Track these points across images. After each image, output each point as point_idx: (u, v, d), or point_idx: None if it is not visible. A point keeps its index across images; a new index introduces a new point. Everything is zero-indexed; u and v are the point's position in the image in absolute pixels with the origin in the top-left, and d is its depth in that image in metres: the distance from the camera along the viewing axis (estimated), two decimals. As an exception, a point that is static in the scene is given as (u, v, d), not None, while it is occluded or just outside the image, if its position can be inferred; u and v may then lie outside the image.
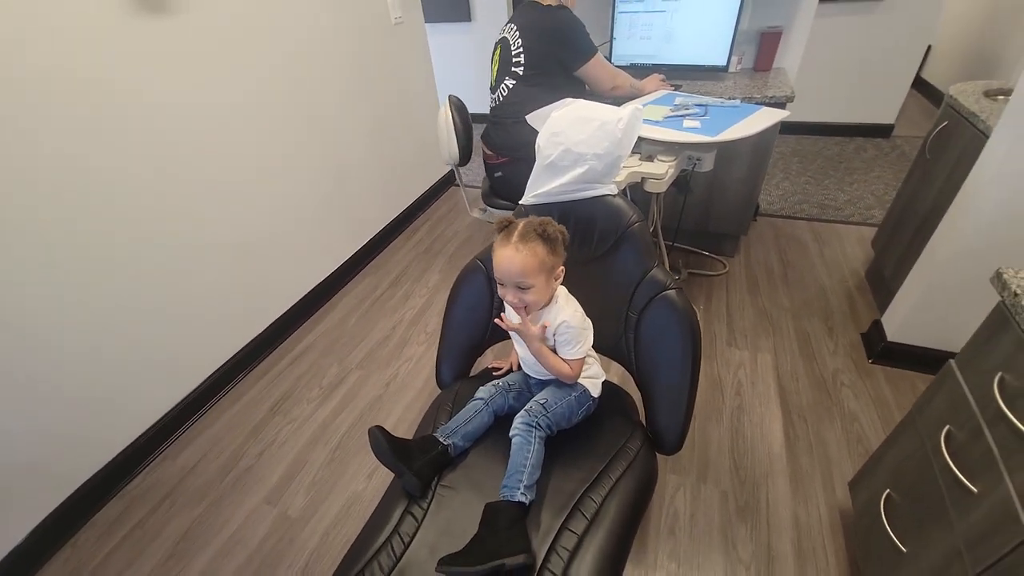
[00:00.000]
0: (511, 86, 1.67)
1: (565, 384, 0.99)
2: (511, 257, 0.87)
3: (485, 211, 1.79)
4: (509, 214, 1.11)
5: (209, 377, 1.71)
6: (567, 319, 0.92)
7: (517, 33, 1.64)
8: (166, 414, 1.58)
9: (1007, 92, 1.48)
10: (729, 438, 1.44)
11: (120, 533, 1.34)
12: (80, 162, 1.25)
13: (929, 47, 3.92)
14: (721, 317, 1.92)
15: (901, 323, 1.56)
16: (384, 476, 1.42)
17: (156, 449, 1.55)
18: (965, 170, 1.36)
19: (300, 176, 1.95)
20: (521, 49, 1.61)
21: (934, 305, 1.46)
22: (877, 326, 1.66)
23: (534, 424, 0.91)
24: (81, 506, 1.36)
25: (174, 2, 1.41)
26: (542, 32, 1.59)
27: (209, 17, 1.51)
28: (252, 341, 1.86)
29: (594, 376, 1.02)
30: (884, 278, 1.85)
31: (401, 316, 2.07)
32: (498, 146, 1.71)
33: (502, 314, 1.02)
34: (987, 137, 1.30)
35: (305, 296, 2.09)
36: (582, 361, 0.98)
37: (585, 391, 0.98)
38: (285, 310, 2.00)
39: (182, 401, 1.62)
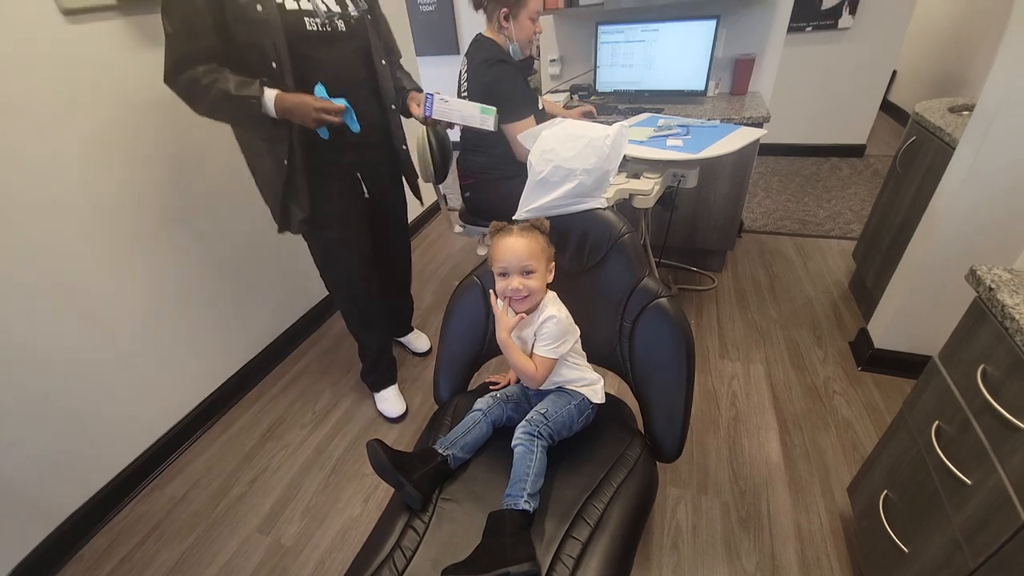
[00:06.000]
0: None
1: (565, 393, 1.00)
2: (516, 242, 0.95)
3: (464, 227, 1.85)
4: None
5: (200, 404, 1.67)
6: (555, 314, 0.95)
7: (466, 72, 1.61)
8: (155, 443, 1.54)
9: (970, 107, 1.58)
10: (727, 448, 1.45)
11: (107, 568, 1.29)
12: None
13: (894, 72, 4.15)
14: (712, 330, 1.94)
15: (886, 330, 1.60)
16: (381, 500, 1.39)
17: (144, 479, 1.51)
18: (934, 181, 1.44)
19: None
20: (467, 86, 1.59)
21: (915, 311, 1.51)
22: (864, 334, 1.70)
23: (536, 434, 0.92)
24: (66, 540, 1.31)
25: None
26: (479, 82, 1.53)
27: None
28: (243, 368, 1.83)
29: (591, 383, 1.03)
30: (867, 288, 1.90)
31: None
32: (463, 169, 1.76)
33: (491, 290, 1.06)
34: (953, 149, 1.38)
35: (299, 320, 2.08)
36: (551, 364, 0.97)
37: (584, 399, 0.99)
38: (279, 334, 1.98)
39: (171, 430, 1.58)
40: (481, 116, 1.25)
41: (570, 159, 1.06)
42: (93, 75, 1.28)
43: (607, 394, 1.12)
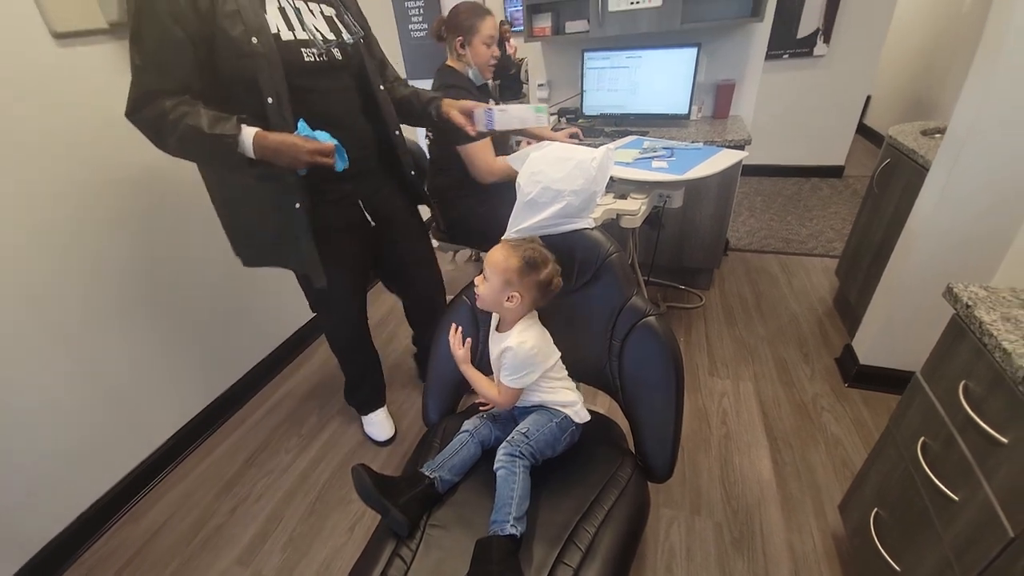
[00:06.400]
0: (431, 138, 1.75)
1: (547, 411, 0.99)
2: (497, 249, 0.97)
3: (437, 244, 1.88)
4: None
5: (180, 430, 1.63)
6: (513, 347, 0.94)
7: None
8: (132, 470, 1.49)
9: (942, 130, 1.64)
10: (719, 467, 1.44)
11: (74, 606, 1.22)
12: None
13: (869, 96, 4.32)
14: (702, 348, 1.96)
15: (870, 346, 1.62)
16: (368, 528, 1.35)
17: (120, 509, 1.45)
18: (910, 201, 1.48)
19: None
20: None
21: (898, 328, 1.54)
22: (849, 350, 1.73)
23: (516, 454, 0.90)
24: (37, 574, 1.24)
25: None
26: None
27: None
28: (229, 389, 1.79)
29: (568, 404, 1.00)
30: (850, 304, 1.94)
31: (383, 357, 2.04)
32: (429, 189, 1.77)
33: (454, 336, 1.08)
34: (927, 170, 1.43)
35: (285, 341, 2.05)
36: (514, 393, 0.98)
37: (566, 417, 0.98)
38: (264, 356, 1.95)
39: (149, 457, 1.53)
40: (536, 115, 1.28)
41: (558, 180, 1.08)
42: (83, 98, 1.28)
43: (597, 414, 1.12)
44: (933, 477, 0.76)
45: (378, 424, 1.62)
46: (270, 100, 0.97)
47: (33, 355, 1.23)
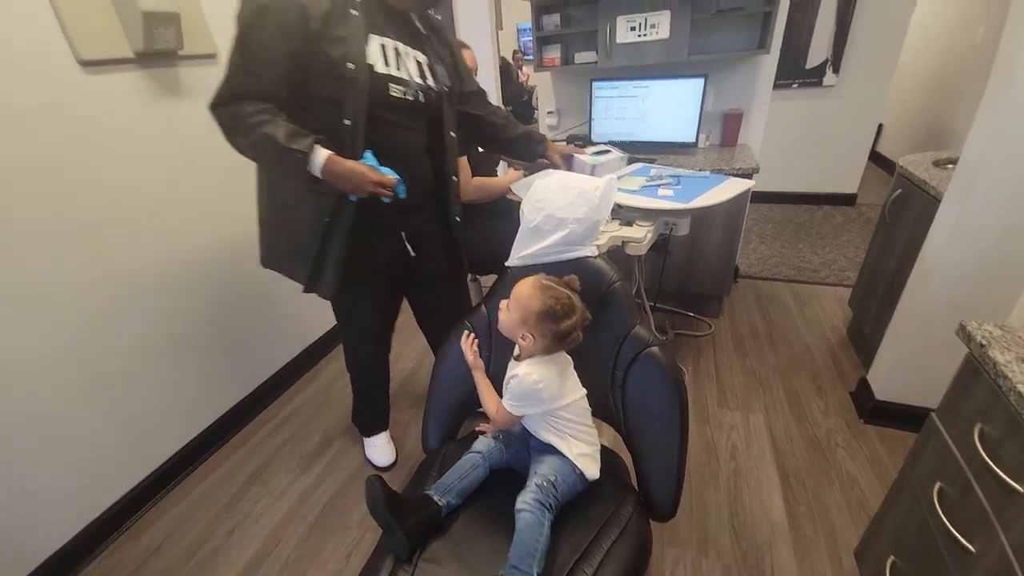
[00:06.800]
0: None
1: (569, 460, 0.95)
2: (527, 283, 0.94)
3: None
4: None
5: (184, 447, 1.63)
6: (519, 375, 0.92)
7: None
8: (137, 485, 1.49)
9: (954, 161, 1.62)
10: (727, 505, 1.39)
11: (66, 629, 1.21)
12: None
13: (881, 125, 4.32)
14: (711, 377, 1.91)
15: (886, 381, 1.57)
16: (365, 553, 1.32)
17: (121, 526, 1.44)
18: (922, 232, 1.46)
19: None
20: None
21: (913, 362, 1.49)
22: (864, 384, 1.67)
23: (547, 505, 0.86)
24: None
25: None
26: None
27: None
28: (235, 406, 1.80)
29: (579, 456, 0.96)
30: (865, 335, 1.89)
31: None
32: None
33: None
34: (939, 202, 1.41)
35: (294, 358, 2.06)
36: (509, 416, 0.97)
37: (582, 471, 0.95)
38: (272, 373, 1.96)
39: (150, 475, 1.53)
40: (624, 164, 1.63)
41: (562, 208, 1.09)
42: (108, 124, 1.33)
43: (601, 446, 1.09)
44: (949, 526, 0.73)
45: (379, 448, 1.60)
46: (347, 122, 1.02)
47: (40, 369, 1.25)
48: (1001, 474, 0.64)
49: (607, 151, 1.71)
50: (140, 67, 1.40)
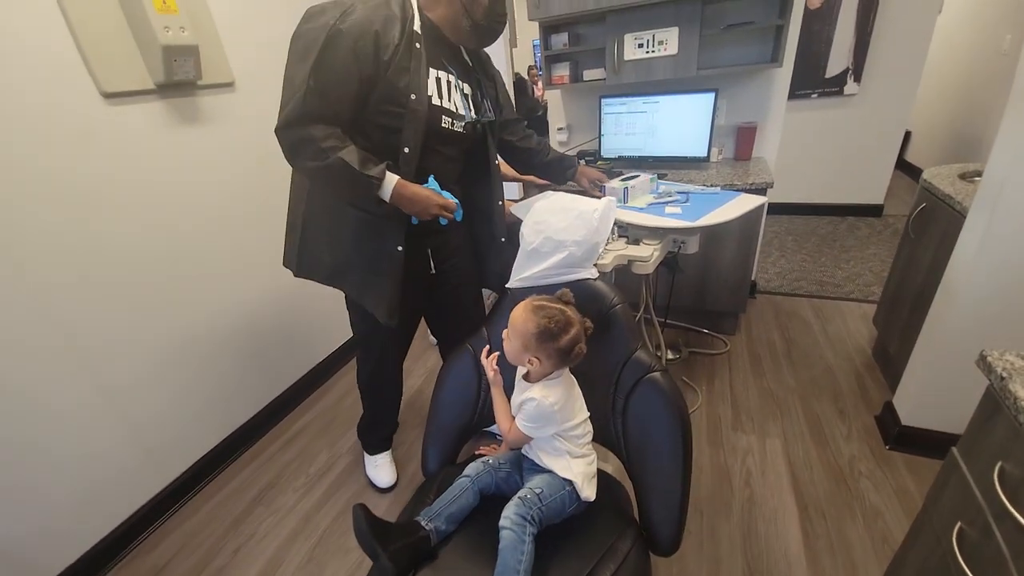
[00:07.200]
0: None
1: (559, 476, 0.94)
2: (520, 307, 0.94)
3: None
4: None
5: (195, 464, 1.66)
6: (537, 399, 0.91)
7: None
8: (148, 501, 1.52)
9: (981, 174, 1.54)
10: (740, 536, 1.32)
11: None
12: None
13: (909, 133, 4.17)
14: (725, 398, 1.85)
15: (913, 405, 1.48)
16: (365, 578, 1.31)
17: (132, 542, 1.47)
18: (948, 248, 1.39)
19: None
20: None
21: (941, 386, 1.41)
22: (890, 408, 1.58)
23: (528, 518, 0.85)
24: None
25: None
26: None
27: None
28: (247, 422, 1.83)
29: (572, 477, 0.93)
30: (890, 356, 1.80)
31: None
32: None
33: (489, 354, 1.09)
34: (964, 217, 1.34)
35: (304, 375, 2.09)
36: (524, 437, 0.97)
37: (574, 489, 0.93)
38: (282, 391, 1.99)
39: (163, 491, 1.57)
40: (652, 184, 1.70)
41: (560, 231, 1.08)
42: (128, 152, 1.40)
43: (603, 474, 1.06)
44: (969, 572, 0.67)
45: (381, 468, 1.60)
46: (406, 150, 1.07)
47: (60, 386, 1.30)
48: (1020, 518, 0.59)
49: (636, 175, 1.71)
50: (160, 97, 1.47)
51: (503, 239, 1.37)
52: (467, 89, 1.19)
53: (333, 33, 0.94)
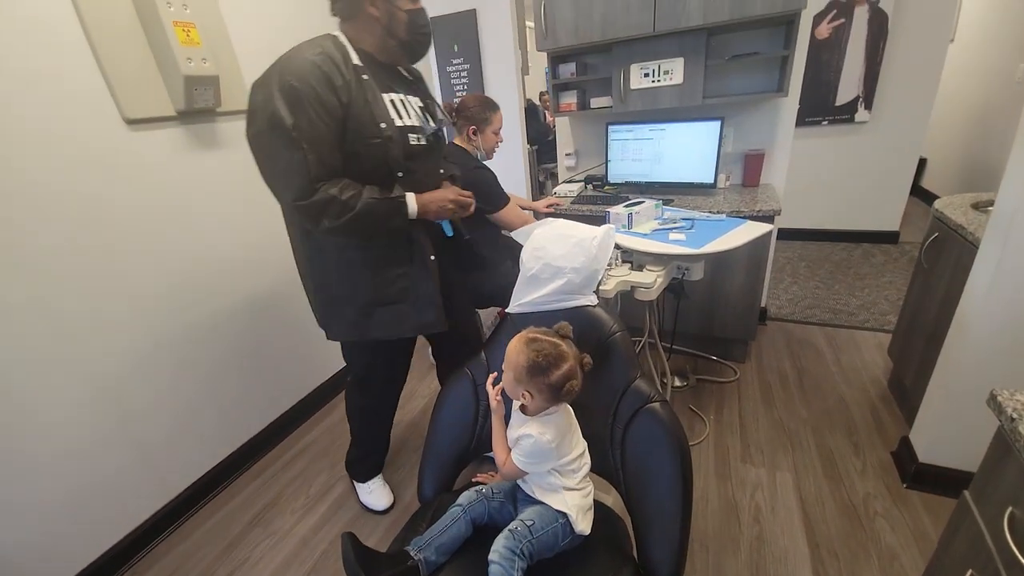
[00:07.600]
0: None
1: (553, 509, 0.92)
2: (514, 340, 0.92)
3: None
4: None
5: (196, 482, 1.66)
6: (534, 436, 0.89)
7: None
8: (146, 520, 1.52)
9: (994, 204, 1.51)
10: None
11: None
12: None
13: (924, 159, 4.12)
14: (734, 429, 1.80)
15: (930, 441, 1.42)
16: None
17: (127, 562, 1.46)
18: (962, 279, 1.35)
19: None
20: None
21: (958, 422, 1.35)
22: (906, 444, 1.52)
23: (518, 552, 0.84)
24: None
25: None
26: (467, 179, 1.57)
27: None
28: (249, 441, 1.84)
29: (566, 510, 0.91)
30: (906, 388, 1.74)
31: (399, 418, 2.03)
32: None
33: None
34: (976, 248, 1.31)
35: (309, 393, 2.10)
36: (519, 472, 0.94)
37: (568, 522, 0.91)
38: (287, 408, 2.00)
39: (162, 509, 1.56)
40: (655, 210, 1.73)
41: (559, 258, 1.08)
42: (149, 176, 1.45)
43: (602, 506, 1.03)
44: (985, 628, 0.63)
45: (375, 493, 1.58)
46: (400, 174, 1.12)
47: (63, 399, 1.32)
48: (1036, 573, 0.56)
49: (641, 201, 1.74)
50: (180, 124, 1.54)
51: (467, 236, 1.39)
52: (418, 102, 1.22)
53: (296, 103, 0.95)
